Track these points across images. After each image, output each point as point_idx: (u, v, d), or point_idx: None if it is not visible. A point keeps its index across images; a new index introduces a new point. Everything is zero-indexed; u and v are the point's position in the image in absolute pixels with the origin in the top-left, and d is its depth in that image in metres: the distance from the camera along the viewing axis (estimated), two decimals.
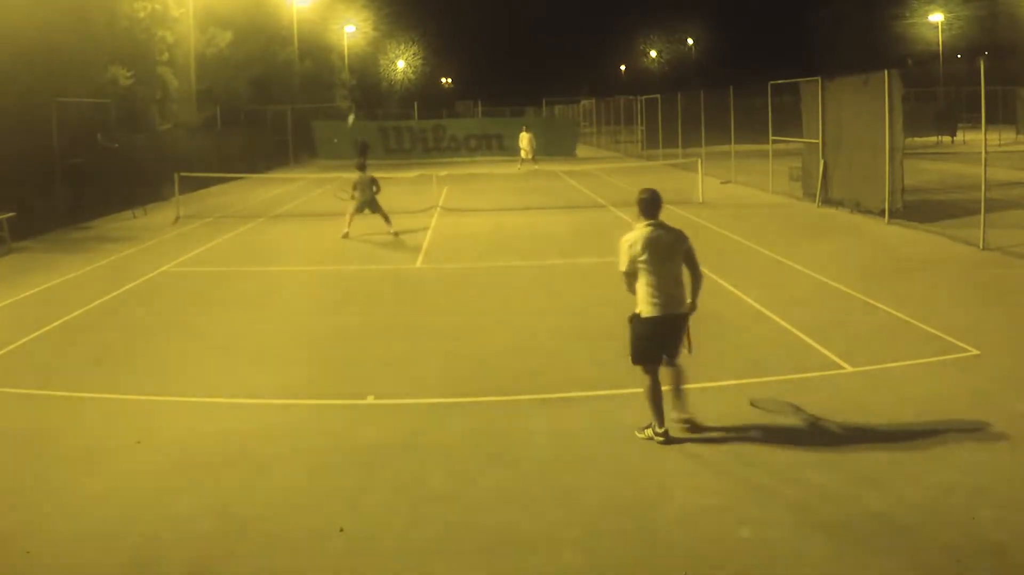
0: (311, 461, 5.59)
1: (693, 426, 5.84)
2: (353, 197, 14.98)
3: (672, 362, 5.84)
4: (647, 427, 5.75)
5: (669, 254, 5.69)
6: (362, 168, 15.07)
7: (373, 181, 14.85)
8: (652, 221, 5.74)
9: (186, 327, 9.27)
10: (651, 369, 5.76)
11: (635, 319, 5.79)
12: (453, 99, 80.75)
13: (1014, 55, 47.83)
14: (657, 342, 5.76)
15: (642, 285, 5.70)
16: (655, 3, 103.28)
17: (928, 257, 11.84)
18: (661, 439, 5.65)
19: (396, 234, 14.76)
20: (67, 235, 16.72)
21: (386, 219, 14.87)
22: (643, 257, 5.64)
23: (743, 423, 6.02)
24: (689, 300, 5.81)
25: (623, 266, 5.76)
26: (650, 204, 5.77)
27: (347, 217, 14.95)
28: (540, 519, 4.74)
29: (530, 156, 29.36)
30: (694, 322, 5.90)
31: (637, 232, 5.73)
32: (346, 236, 14.77)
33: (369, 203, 14.88)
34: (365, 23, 56.88)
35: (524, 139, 29.82)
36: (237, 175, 26.56)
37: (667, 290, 5.67)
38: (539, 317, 9.29)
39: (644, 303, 5.71)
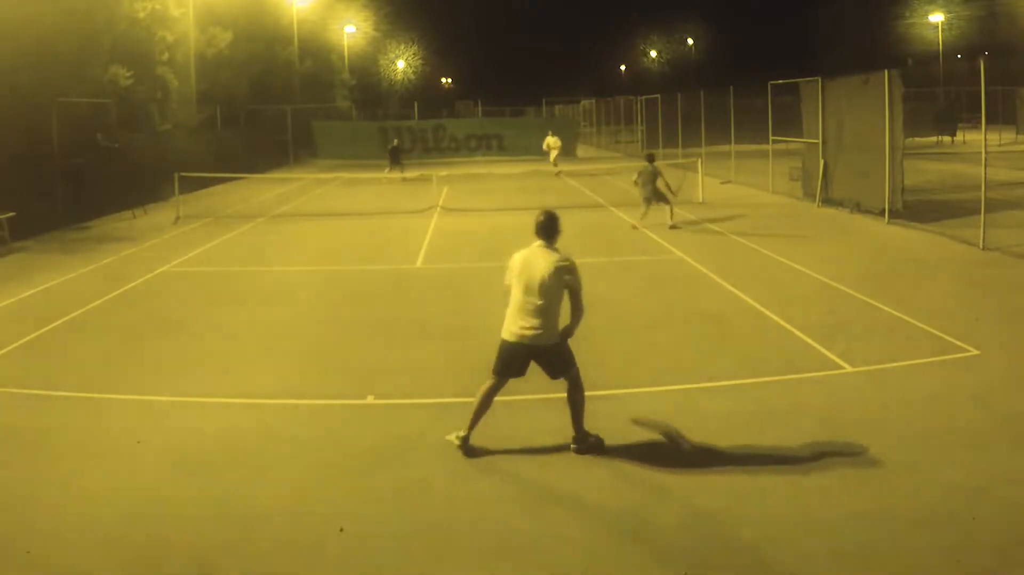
0: (311, 461, 5.59)
1: (583, 446, 5.57)
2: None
3: (557, 377, 5.64)
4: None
5: (542, 283, 5.40)
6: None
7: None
8: (543, 244, 5.57)
9: (186, 327, 9.27)
10: (496, 380, 5.59)
11: (501, 340, 5.58)
12: (453, 99, 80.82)
13: (1014, 55, 47.84)
14: (512, 365, 5.54)
15: (511, 305, 5.52)
16: (655, 3, 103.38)
17: (928, 257, 11.84)
18: (459, 445, 5.54)
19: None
20: (67, 235, 16.71)
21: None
22: (516, 278, 5.49)
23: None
24: (557, 331, 5.49)
25: (506, 279, 5.60)
26: (541, 227, 5.61)
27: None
28: (540, 519, 4.74)
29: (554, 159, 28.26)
30: (695, 322, 5.90)
31: (525, 250, 5.58)
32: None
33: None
34: (365, 23, 56.89)
35: (550, 142, 28.70)
36: (237, 175, 26.55)
37: (526, 318, 5.42)
38: None
39: (505, 323, 5.54)
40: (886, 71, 14.57)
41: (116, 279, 11.84)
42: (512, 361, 5.55)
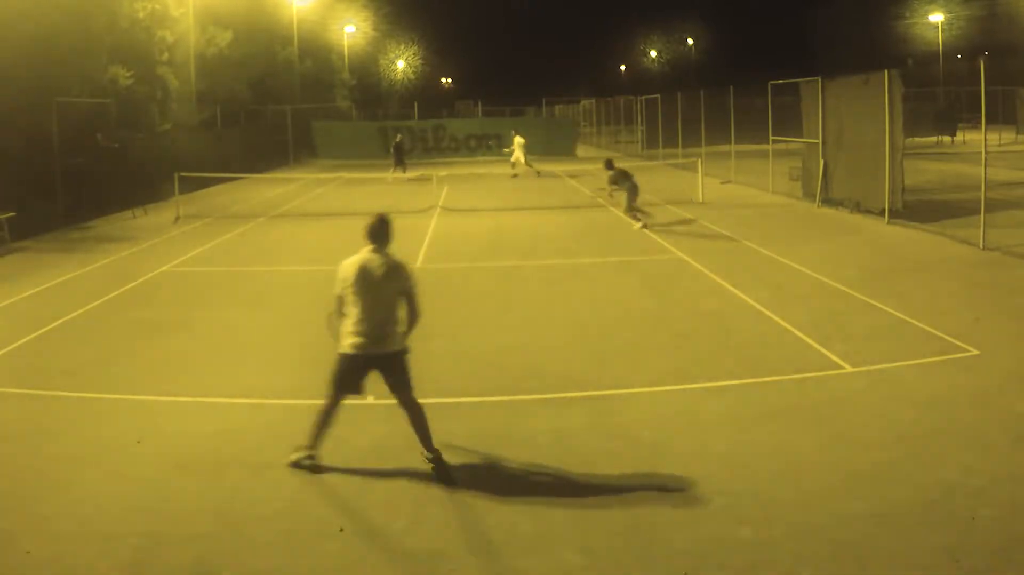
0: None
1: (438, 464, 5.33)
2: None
3: (401, 402, 5.41)
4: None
5: (379, 287, 5.23)
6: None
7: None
8: (374, 247, 5.37)
9: (186, 327, 9.27)
10: (336, 396, 5.40)
11: (339, 355, 5.36)
12: (453, 99, 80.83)
13: (1014, 55, 47.84)
14: (354, 381, 5.35)
15: (347, 316, 5.32)
16: (655, 3, 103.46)
17: (928, 257, 11.84)
18: (308, 462, 5.38)
19: None
20: (67, 235, 16.71)
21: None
22: (351, 286, 5.27)
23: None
24: (398, 339, 5.32)
25: (336, 288, 5.37)
26: (372, 231, 5.42)
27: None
28: (540, 519, 4.74)
29: (521, 160, 26.64)
30: (695, 322, 5.90)
31: (355, 257, 5.36)
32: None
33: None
34: (365, 23, 56.92)
35: (517, 140, 27.16)
36: (237, 175, 26.55)
37: (369, 326, 5.23)
38: (539, 317, 9.29)
39: (344, 336, 5.31)
40: (886, 71, 14.58)
41: (116, 279, 11.84)
42: (350, 375, 5.33)
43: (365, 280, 5.26)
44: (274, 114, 38.10)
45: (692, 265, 11.75)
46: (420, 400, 6.46)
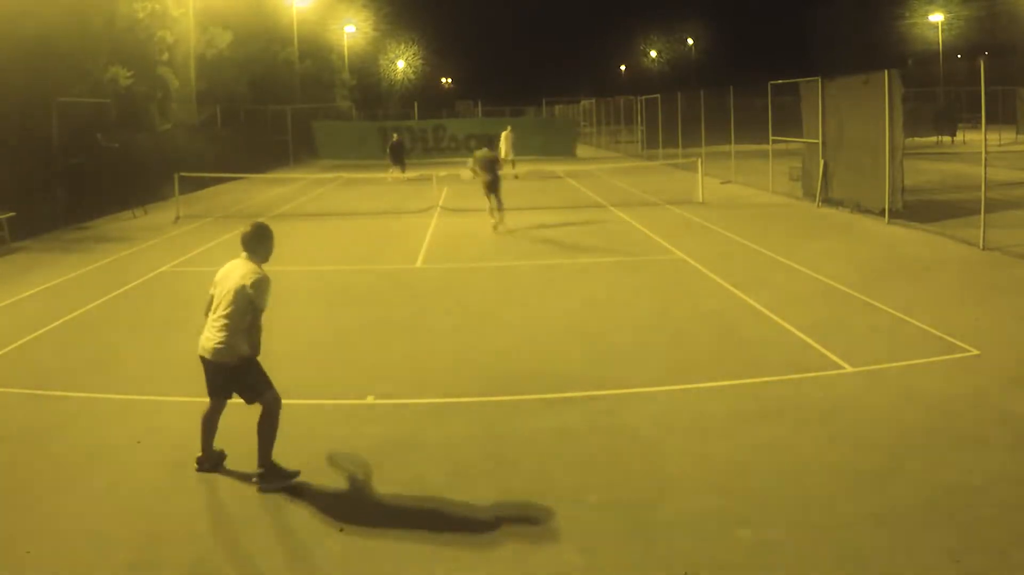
0: (311, 461, 5.58)
1: (267, 484, 5.20)
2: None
3: (251, 402, 5.33)
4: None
5: (228, 295, 5.21)
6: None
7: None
8: (246, 256, 5.44)
9: (186, 327, 9.25)
10: (211, 401, 5.42)
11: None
12: (453, 99, 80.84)
13: (1014, 55, 47.87)
14: (212, 383, 5.33)
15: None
16: (655, 3, 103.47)
17: (928, 257, 11.84)
18: (196, 467, 5.42)
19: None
20: (67, 235, 16.71)
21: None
22: (215, 289, 5.38)
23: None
24: (237, 351, 5.18)
25: (210, 289, 5.48)
26: (243, 238, 5.50)
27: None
28: (540, 519, 4.74)
29: (509, 158, 25.98)
30: (695, 322, 5.90)
31: (231, 261, 5.49)
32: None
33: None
34: (365, 23, 56.92)
35: (504, 140, 26.37)
36: (237, 175, 26.55)
37: (207, 331, 5.26)
38: (539, 317, 9.29)
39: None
40: (886, 71, 14.57)
41: (116, 279, 11.84)
42: (210, 378, 5.32)
43: (224, 285, 5.35)
44: (274, 114, 38.09)
45: (692, 265, 11.75)
46: (420, 400, 6.47)
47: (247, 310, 5.18)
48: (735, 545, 4.41)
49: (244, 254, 5.46)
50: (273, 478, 5.21)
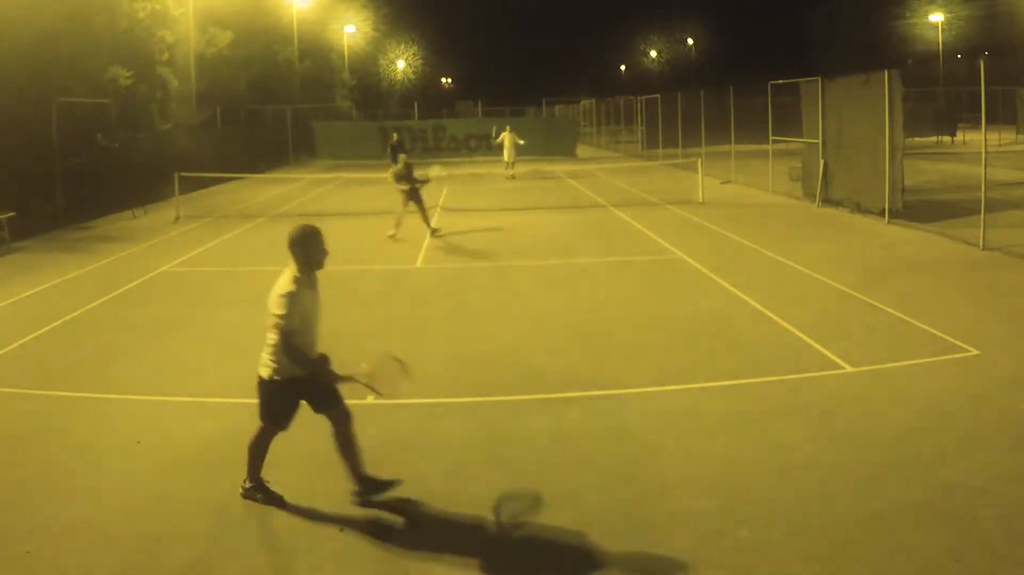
0: (311, 461, 5.58)
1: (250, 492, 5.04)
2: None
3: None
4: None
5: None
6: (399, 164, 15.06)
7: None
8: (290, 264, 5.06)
9: (186, 327, 9.27)
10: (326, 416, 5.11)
11: None
12: (453, 99, 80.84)
13: (1014, 55, 47.88)
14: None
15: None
16: (655, 3, 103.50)
17: (928, 257, 11.84)
18: (245, 494, 5.08)
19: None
20: (67, 235, 16.71)
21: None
22: None
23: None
24: (266, 366, 4.83)
25: None
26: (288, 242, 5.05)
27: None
28: (539, 519, 4.74)
29: (511, 160, 26.15)
30: (695, 322, 5.90)
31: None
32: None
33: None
34: (365, 23, 56.91)
35: (506, 139, 26.26)
36: (237, 175, 26.56)
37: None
38: (539, 317, 9.29)
39: None
40: (886, 71, 14.57)
41: (116, 279, 11.84)
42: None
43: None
44: (274, 114, 38.09)
45: (692, 265, 11.75)
46: (420, 400, 6.46)
47: (271, 326, 4.76)
48: (735, 545, 4.41)
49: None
50: (257, 492, 5.04)
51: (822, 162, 17.13)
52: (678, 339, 8.24)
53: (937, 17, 62.38)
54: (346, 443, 5.02)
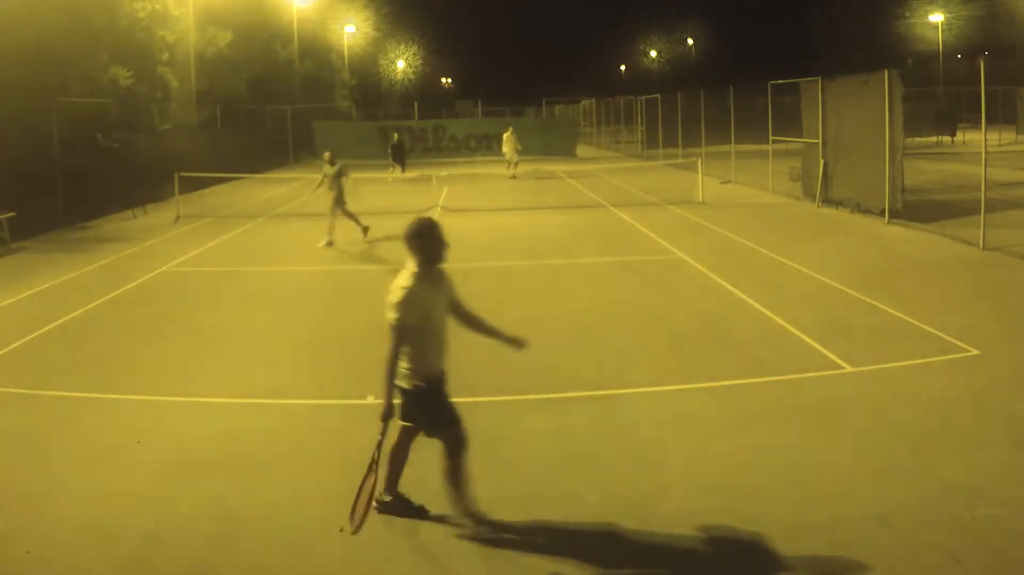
0: (311, 461, 5.59)
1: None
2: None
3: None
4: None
5: None
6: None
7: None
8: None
9: (186, 327, 9.27)
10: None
11: None
12: (453, 99, 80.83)
13: (1014, 55, 47.88)
14: None
15: None
16: (655, 3, 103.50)
17: (928, 257, 11.84)
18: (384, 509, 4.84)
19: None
20: (67, 235, 16.71)
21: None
22: None
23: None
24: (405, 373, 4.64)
25: None
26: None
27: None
28: (539, 519, 4.74)
29: (514, 161, 26.54)
30: (695, 322, 5.88)
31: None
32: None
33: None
34: (365, 23, 56.86)
35: (507, 141, 26.74)
36: (237, 175, 26.56)
37: None
38: (539, 317, 9.29)
39: None
40: (886, 71, 14.57)
41: (116, 279, 11.84)
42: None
43: None
44: (274, 114, 38.08)
45: (692, 265, 11.75)
46: None
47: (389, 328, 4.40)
48: (735, 545, 4.41)
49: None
50: (392, 507, 4.82)
51: (822, 162, 17.13)
52: (678, 339, 8.23)
53: (937, 17, 62.35)
54: (454, 470, 4.66)
